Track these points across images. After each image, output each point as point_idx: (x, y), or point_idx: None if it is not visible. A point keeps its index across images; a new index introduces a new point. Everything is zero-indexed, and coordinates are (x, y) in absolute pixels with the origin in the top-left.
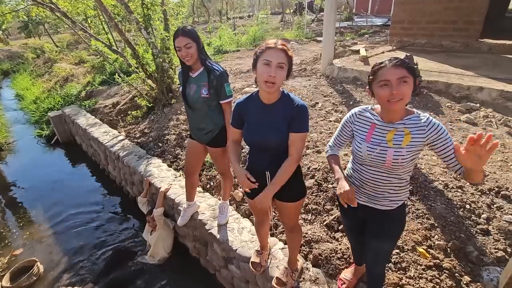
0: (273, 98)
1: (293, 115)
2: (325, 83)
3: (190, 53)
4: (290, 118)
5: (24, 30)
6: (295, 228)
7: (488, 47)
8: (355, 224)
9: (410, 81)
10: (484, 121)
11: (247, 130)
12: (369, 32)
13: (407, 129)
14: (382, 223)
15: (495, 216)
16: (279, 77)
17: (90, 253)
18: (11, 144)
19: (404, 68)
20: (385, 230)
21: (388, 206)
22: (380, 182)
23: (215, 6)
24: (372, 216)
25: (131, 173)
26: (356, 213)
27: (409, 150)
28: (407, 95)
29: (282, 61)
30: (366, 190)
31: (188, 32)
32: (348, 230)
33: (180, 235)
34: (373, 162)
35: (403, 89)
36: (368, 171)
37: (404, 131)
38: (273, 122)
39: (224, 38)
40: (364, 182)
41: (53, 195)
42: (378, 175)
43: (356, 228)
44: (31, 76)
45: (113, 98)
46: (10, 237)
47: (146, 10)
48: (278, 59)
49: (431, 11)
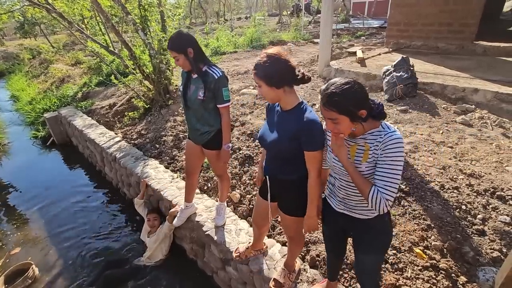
0: (285, 105)
1: (300, 128)
2: (322, 85)
3: (180, 63)
4: (296, 131)
5: (20, 31)
6: (294, 239)
7: (483, 49)
8: (335, 232)
9: (343, 119)
10: (479, 122)
11: (261, 128)
12: (366, 34)
13: (367, 144)
14: (362, 234)
15: (491, 216)
16: (262, 93)
17: (85, 255)
18: (6, 146)
19: (334, 110)
20: (366, 242)
21: (364, 215)
22: (351, 191)
23: (212, 8)
24: (351, 226)
25: (127, 175)
26: (337, 220)
27: (368, 166)
28: (344, 130)
29: (257, 83)
30: (340, 197)
31: (172, 45)
32: (327, 238)
33: (177, 236)
34: (340, 173)
35: (336, 127)
36: (340, 179)
37: (364, 146)
38: (280, 129)
39: (222, 40)
40: (338, 189)
41: (49, 197)
42: (348, 184)
43: (335, 237)
44: (26, 77)
45: (109, 99)
46: (5, 239)
47: (143, 11)
48: (255, 80)
49: (426, 14)
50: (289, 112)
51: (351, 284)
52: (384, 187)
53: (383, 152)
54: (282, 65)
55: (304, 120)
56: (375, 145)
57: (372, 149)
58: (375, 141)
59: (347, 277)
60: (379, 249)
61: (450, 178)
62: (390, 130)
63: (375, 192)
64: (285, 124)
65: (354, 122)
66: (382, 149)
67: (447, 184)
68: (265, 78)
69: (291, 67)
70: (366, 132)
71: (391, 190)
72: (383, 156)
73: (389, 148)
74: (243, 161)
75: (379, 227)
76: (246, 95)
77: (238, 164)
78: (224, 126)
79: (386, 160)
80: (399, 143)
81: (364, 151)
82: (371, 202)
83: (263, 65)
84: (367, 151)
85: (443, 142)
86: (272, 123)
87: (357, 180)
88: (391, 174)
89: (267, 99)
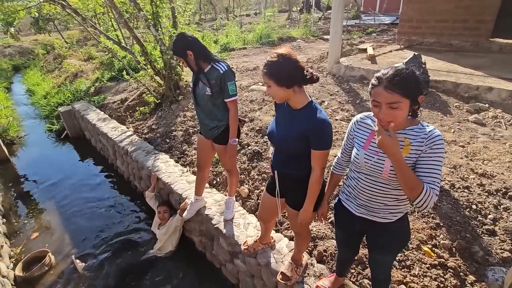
0: (294, 104)
1: (310, 128)
2: (332, 82)
3: (186, 66)
4: (305, 131)
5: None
6: (301, 234)
7: (499, 47)
8: (350, 236)
9: (404, 104)
10: (493, 121)
11: (270, 124)
12: (377, 31)
13: (407, 139)
14: (380, 236)
15: (502, 217)
16: (271, 93)
17: (99, 245)
18: (23, 138)
19: (398, 91)
20: (384, 244)
21: (386, 218)
22: (377, 192)
23: (222, 4)
24: (370, 229)
25: (139, 168)
26: (354, 224)
27: (407, 161)
28: (402, 116)
29: (266, 82)
30: (362, 200)
31: (174, 50)
32: (341, 241)
33: (186, 229)
34: (370, 171)
35: (394, 113)
36: (365, 179)
37: (404, 141)
38: (288, 127)
39: (231, 36)
40: (361, 191)
41: (63, 188)
42: (375, 184)
43: (350, 240)
44: (41, 72)
45: (121, 94)
46: (22, 227)
47: (155, 7)
48: (264, 80)
49: (440, 10)
50: (300, 111)
51: (358, 279)
52: (433, 183)
53: (430, 149)
54: (292, 65)
55: (316, 120)
56: (418, 141)
57: (415, 145)
58: (418, 137)
59: (354, 272)
60: (397, 250)
61: (461, 178)
62: (431, 127)
63: (428, 189)
64: (295, 123)
65: (411, 108)
66: (429, 145)
67: (458, 184)
68: (275, 78)
69: (301, 67)
70: (406, 127)
71: (438, 186)
72: (428, 153)
73: (436, 144)
74: (251, 157)
75: (398, 230)
76: (255, 91)
77: (247, 160)
78: (231, 120)
79: (433, 156)
80: (442, 140)
81: (403, 146)
82: (422, 201)
83: (273, 65)
84: (408, 146)
85: (454, 141)
86: (281, 120)
87: (409, 176)
88: (438, 170)
89: (275, 98)
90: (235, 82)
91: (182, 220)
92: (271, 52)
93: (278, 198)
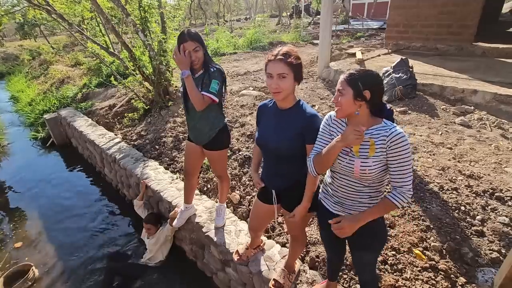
0: (285, 104)
1: (304, 125)
2: (322, 86)
3: (198, 56)
4: (301, 129)
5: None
6: (298, 238)
7: (482, 51)
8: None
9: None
10: (478, 123)
11: (259, 131)
12: (365, 35)
13: (372, 139)
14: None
15: (490, 217)
16: (283, 86)
17: (86, 257)
18: (6, 147)
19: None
20: (362, 242)
21: None
22: (350, 190)
23: (212, 9)
24: None
25: (127, 176)
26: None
27: (375, 161)
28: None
29: (283, 72)
30: (338, 198)
31: (194, 36)
32: (325, 241)
33: (177, 238)
34: (343, 170)
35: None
36: (340, 178)
37: (369, 141)
38: (283, 128)
39: (222, 41)
40: (337, 190)
41: (48, 198)
42: (349, 183)
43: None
44: (26, 78)
45: (109, 100)
46: (4, 240)
47: (143, 12)
48: (278, 70)
49: (426, 15)
50: (290, 110)
51: (351, 285)
52: (404, 185)
53: (393, 150)
54: (301, 62)
55: (308, 116)
56: (381, 140)
57: (379, 144)
58: (380, 135)
59: (347, 278)
60: (375, 249)
61: (449, 179)
62: (393, 125)
63: (398, 201)
64: (287, 123)
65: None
66: (391, 146)
67: (446, 185)
68: (295, 71)
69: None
70: (370, 127)
71: (409, 184)
72: (392, 155)
73: (397, 144)
74: (242, 162)
75: (375, 228)
76: (246, 96)
77: (238, 165)
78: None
79: (397, 157)
80: (404, 138)
81: (369, 145)
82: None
83: (293, 57)
84: (373, 145)
85: (442, 143)
86: (270, 125)
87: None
88: (405, 170)
89: (282, 93)
90: (222, 86)
91: (172, 229)
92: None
93: (275, 205)
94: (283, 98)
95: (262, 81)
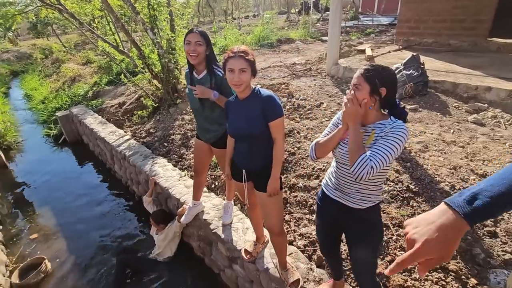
0: (244, 94)
1: (263, 106)
2: (330, 83)
3: (198, 50)
4: (261, 110)
5: (33, 31)
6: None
7: (496, 46)
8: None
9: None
10: (492, 121)
11: (228, 122)
12: (375, 32)
13: (374, 130)
14: (354, 227)
15: (503, 218)
16: (244, 79)
17: (96, 251)
18: (20, 144)
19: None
20: (358, 234)
21: (358, 205)
22: (350, 179)
23: (220, 6)
24: (344, 216)
25: (136, 173)
26: (332, 209)
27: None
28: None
29: (243, 67)
30: (340, 186)
31: (201, 31)
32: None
33: (185, 234)
34: (343, 159)
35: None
36: (341, 168)
37: (371, 132)
38: (247, 115)
39: (230, 38)
40: (338, 177)
41: (60, 194)
42: (349, 172)
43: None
44: (39, 76)
45: (119, 98)
46: (19, 234)
47: (153, 11)
48: (239, 65)
49: (438, 10)
50: (249, 98)
51: (358, 284)
52: (374, 155)
53: (386, 134)
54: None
55: (264, 97)
56: (381, 131)
57: (378, 133)
58: (381, 129)
59: (354, 277)
60: (370, 243)
61: (461, 179)
62: (398, 121)
63: (364, 157)
64: (251, 108)
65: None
66: (387, 131)
67: (458, 185)
68: (252, 66)
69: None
70: (376, 121)
71: (378, 159)
72: (384, 136)
73: (393, 131)
74: None
75: (371, 220)
76: None
77: None
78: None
79: (387, 138)
80: (402, 129)
81: (369, 135)
82: (357, 167)
83: (250, 55)
84: (372, 135)
85: (454, 141)
86: (238, 116)
87: (356, 141)
88: (385, 148)
89: (242, 85)
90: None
91: (181, 226)
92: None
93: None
94: (243, 90)
95: (270, 79)
